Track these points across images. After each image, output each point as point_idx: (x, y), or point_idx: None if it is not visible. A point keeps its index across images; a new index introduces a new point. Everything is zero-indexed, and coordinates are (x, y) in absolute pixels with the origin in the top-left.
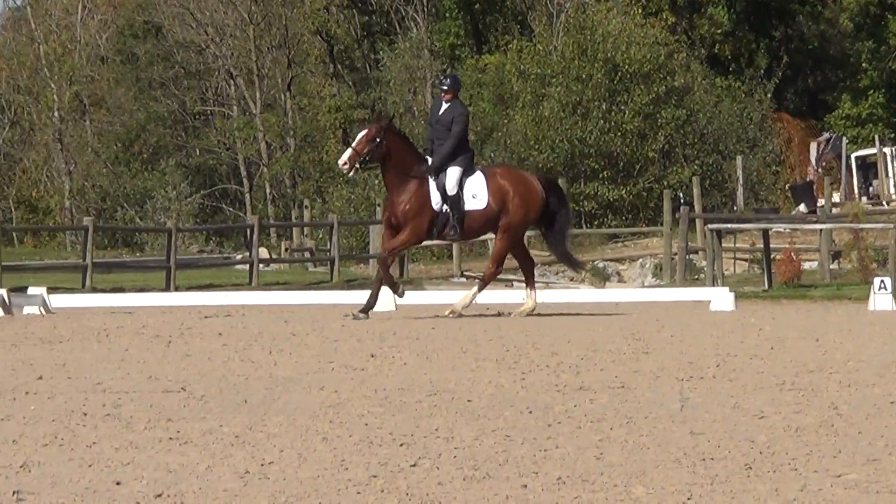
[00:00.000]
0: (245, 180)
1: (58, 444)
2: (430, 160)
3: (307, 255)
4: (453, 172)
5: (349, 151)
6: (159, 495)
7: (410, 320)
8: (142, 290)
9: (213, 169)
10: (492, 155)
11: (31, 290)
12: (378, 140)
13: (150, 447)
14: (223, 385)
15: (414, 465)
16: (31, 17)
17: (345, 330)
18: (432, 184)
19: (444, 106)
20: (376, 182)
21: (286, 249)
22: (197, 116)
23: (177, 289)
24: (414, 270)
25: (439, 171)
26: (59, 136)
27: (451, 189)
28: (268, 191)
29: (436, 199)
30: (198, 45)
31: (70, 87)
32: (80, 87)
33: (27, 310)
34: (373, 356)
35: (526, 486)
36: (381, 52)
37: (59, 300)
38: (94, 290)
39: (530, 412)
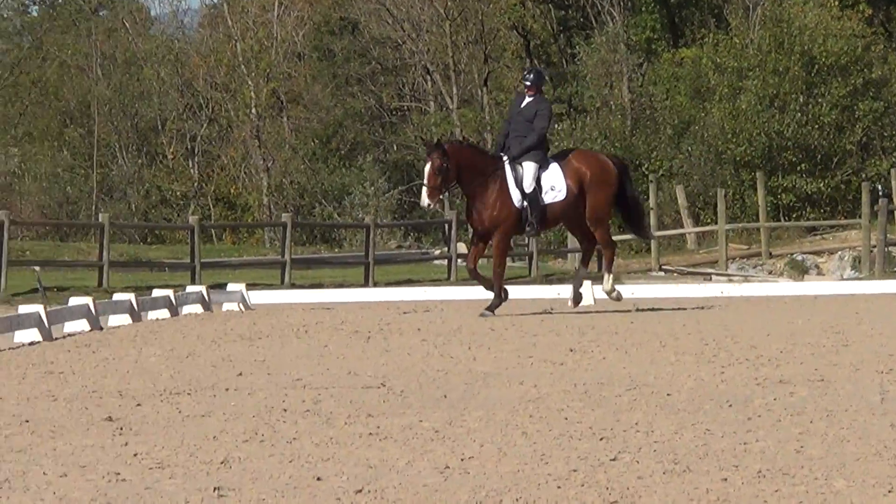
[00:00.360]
0: None
1: (258, 439)
2: (503, 156)
3: None
4: (529, 168)
5: (425, 189)
6: (359, 491)
7: (609, 314)
8: (340, 285)
9: (410, 165)
10: (689, 149)
11: (231, 287)
12: (445, 166)
13: (350, 443)
14: (422, 380)
15: (614, 459)
16: (227, 15)
17: (543, 324)
18: (510, 181)
19: (527, 100)
20: None
21: None
22: (394, 112)
23: (375, 284)
24: None
25: (515, 162)
26: (256, 133)
27: (529, 186)
28: None
29: (517, 197)
30: (394, 41)
31: (267, 84)
32: (277, 84)
33: (227, 306)
34: (572, 350)
35: (726, 480)
36: (577, 47)
37: (258, 296)
38: (293, 286)
39: (730, 406)
